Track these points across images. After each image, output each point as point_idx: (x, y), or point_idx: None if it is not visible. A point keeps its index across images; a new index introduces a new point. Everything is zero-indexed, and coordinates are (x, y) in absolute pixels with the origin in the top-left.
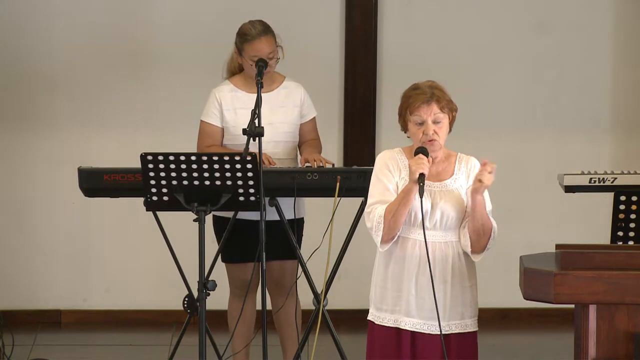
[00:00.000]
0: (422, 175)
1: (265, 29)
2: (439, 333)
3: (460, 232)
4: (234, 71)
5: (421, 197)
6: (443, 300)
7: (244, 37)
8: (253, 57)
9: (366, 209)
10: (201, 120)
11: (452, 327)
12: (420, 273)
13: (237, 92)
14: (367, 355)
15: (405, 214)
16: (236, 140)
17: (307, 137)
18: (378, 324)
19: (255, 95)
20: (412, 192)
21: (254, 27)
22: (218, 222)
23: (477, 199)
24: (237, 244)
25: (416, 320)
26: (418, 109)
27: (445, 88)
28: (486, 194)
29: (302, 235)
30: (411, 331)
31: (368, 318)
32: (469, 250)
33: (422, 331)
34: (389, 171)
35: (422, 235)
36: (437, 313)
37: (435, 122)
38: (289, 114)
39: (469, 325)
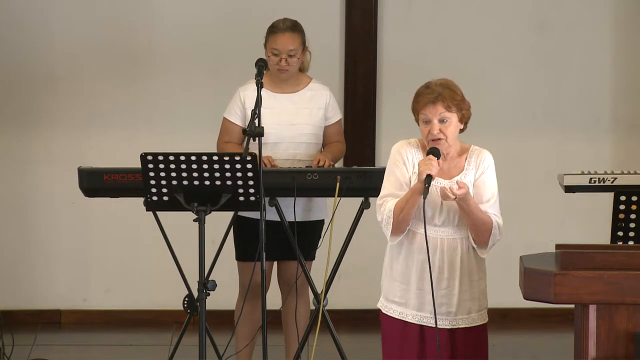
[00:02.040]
0: (428, 176)
1: (293, 26)
2: (445, 327)
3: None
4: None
5: (424, 198)
6: (452, 296)
7: (271, 28)
8: (273, 50)
9: (378, 201)
10: (223, 117)
11: (459, 321)
12: (428, 267)
13: (262, 91)
14: (382, 340)
15: (413, 211)
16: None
17: (331, 139)
18: (385, 314)
19: (280, 94)
20: (419, 192)
21: (283, 22)
22: (239, 222)
23: (459, 206)
24: (254, 243)
25: (423, 314)
26: (424, 108)
27: (458, 87)
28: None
29: (321, 237)
30: (419, 325)
31: (377, 305)
32: (475, 245)
33: (429, 325)
34: (404, 164)
35: (431, 232)
36: (434, 308)
37: (441, 121)
38: (313, 116)
39: (476, 319)
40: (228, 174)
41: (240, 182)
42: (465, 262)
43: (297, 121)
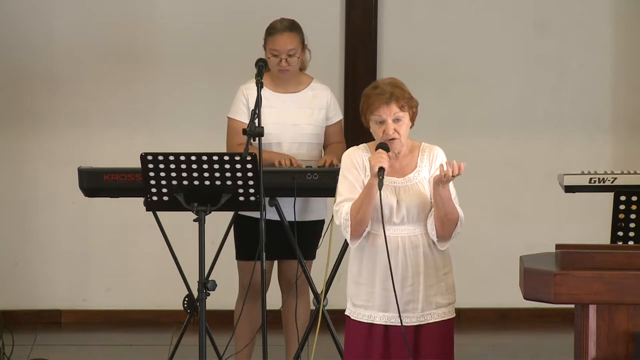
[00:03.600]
0: (381, 169)
1: (291, 26)
2: (413, 324)
3: (427, 220)
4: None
5: (380, 190)
6: (417, 292)
7: (269, 30)
8: (273, 51)
9: (334, 207)
10: (229, 118)
11: (426, 317)
12: (392, 267)
13: (264, 91)
14: (344, 348)
15: (371, 209)
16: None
17: (332, 139)
18: (354, 319)
19: (282, 94)
20: (374, 187)
21: (281, 23)
22: (240, 221)
23: (437, 190)
24: (254, 242)
25: (390, 314)
26: (378, 109)
27: (405, 85)
28: (451, 183)
29: (321, 236)
30: (385, 325)
31: (345, 313)
32: (435, 237)
33: (396, 324)
34: (356, 169)
35: (390, 231)
36: (397, 307)
37: (395, 120)
38: (315, 116)
39: (445, 313)
40: (228, 174)
41: (240, 182)
42: (429, 257)
43: (299, 121)
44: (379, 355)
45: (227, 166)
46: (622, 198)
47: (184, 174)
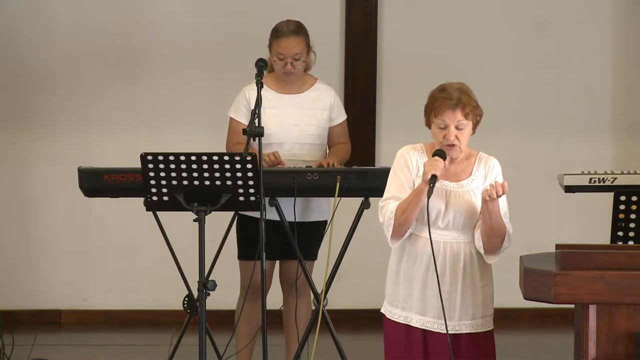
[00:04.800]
0: (433, 176)
1: (297, 29)
2: (449, 332)
3: (475, 232)
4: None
5: (428, 198)
6: (454, 300)
7: (275, 33)
8: (279, 55)
9: (380, 203)
10: (230, 117)
11: (462, 327)
12: (431, 271)
13: (267, 92)
14: (385, 347)
15: (416, 213)
16: (263, 139)
17: (336, 140)
18: (389, 318)
19: (285, 95)
20: (423, 192)
21: (287, 25)
22: (242, 221)
23: (485, 205)
24: (256, 242)
25: (426, 318)
26: (442, 113)
27: (472, 92)
28: (502, 198)
29: (323, 237)
30: (422, 329)
31: (381, 310)
32: (482, 250)
33: (432, 329)
34: (408, 168)
35: (434, 235)
36: (443, 312)
37: (457, 127)
38: (318, 117)
39: (480, 325)
40: (228, 174)
41: (240, 182)
42: (468, 267)
43: (302, 122)
44: (420, 356)
45: (227, 166)
46: (622, 198)
47: (184, 174)
